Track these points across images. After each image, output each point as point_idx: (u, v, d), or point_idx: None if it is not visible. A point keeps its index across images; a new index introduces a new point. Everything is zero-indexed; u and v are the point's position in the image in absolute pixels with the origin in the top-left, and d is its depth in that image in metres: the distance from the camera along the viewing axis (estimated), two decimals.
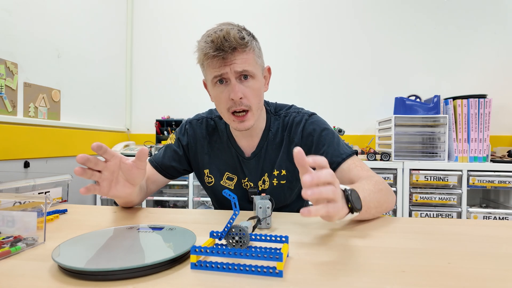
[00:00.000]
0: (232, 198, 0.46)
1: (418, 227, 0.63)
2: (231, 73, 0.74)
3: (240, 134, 0.88)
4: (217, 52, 0.72)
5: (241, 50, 0.74)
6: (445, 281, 0.38)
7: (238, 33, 0.73)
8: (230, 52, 0.72)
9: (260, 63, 0.81)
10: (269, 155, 0.89)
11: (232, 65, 0.73)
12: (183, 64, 2.36)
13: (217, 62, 0.74)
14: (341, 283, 0.38)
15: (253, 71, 0.77)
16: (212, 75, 0.76)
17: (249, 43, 0.75)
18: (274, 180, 0.89)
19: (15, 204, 0.65)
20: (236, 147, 0.90)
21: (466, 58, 2.09)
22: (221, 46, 0.71)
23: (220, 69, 0.74)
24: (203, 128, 0.93)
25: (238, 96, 0.75)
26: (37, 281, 0.38)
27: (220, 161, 0.92)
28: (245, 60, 0.75)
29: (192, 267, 0.41)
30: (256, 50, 0.79)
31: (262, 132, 0.89)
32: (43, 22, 1.59)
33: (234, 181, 0.92)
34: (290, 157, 0.87)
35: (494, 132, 1.99)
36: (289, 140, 0.88)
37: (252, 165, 0.89)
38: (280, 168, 0.88)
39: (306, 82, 2.23)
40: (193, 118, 0.96)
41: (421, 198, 1.72)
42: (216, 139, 0.92)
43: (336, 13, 2.23)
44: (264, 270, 0.39)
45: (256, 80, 0.78)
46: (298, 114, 0.89)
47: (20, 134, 1.43)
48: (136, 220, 0.69)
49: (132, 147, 2.15)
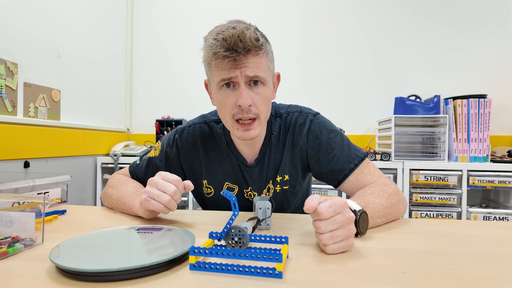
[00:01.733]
0: (232, 199, 0.45)
1: (419, 228, 0.63)
2: (241, 77, 0.67)
3: (241, 141, 0.80)
4: (229, 53, 0.64)
5: (254, 53, 0.67)
6: (446, 282, 0.38)
7: (254, 34, 0.66)
8: (243, 54, 0.65)
9: (271, 68, 0.74)
10: (273, 160, 0.82)
11: (243, 69, 0.66)
12: (183, 64, 2.36)
13: (227, 63, 0.66)
14: (341, 284, 0.37)
15: (265, 77, 0.70)
16: (220, 78, 0.68)
17: (263, 46, 0.68)
18: (277, 186, 0.83)
19: (14, 204, 0.65)
20: (237, 154, 0.82)
21: (466, 58, 2.09)
22: (234, 46, 0.64)
23: (229, 72, 0.66)
24: (196, 136, 0.85)
25: (247, 103, 0.67)
26: (34, 282, 0.38)
27: (219, 170, 0.84)
28: (258, 64, 0.68)
29: (191, 268, 0.41)
30: (269, 55, 0.73)
31: (265, 137, 0.82)
32: (43, 22, 1.59)
33: (235, 191, 0.85)
34: (293, 161, 0.83)
35: (494, 132, 1.99)
36: (292, 143, 0.82)
37: (256, 173, 0.82)
38: (283, 174, 0.83)
39: (306, 82, 2.23)
40: (183, 126, 0.87)
41: (421, 198, 1.72)
42: (213, 147, 0.84)
43: (336, 13, 2.23)
44: (264, 271, 0.39)
45: (266, 87, 0.71)
46: (301, 114, 0.83)
47: (20, 134, 1.43)
48: (135, 221, 0.69)
49: (132, 147, 2.14)
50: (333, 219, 0.47)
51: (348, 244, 0.48)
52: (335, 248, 0.47)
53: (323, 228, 0.47)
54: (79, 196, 1.89)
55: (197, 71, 2.33)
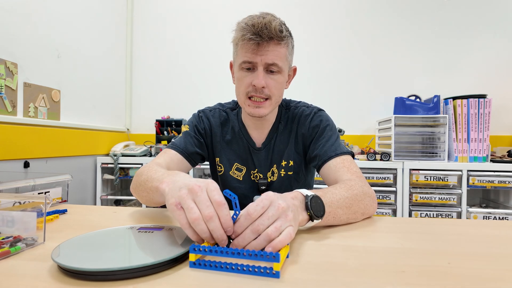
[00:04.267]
0: (233, 198, 0.46)
1: (418, 227, 0.63)
2: (261, 63, 0.76)
3: (252, 124, 0.91)
4: (255, 37, 0.74)
5: (276, 42, 0.76)
6: (445, 281, 0.38)
7: (279, 26, 0.75)
8: (266, 40, 0.74)
9: (289, 60, 0.83)
10: (278, 146, 0.91)
11: (263, 56, 0.76)
12: (183, 64, 2.36)
13: (250, 46, 0.75)
14: (340, 283, 0.38)
15: (282, 66, 0.79)
16: (242, 59, 0.78)
17: (285, 38, 0.77)
18: (282, 171, 0.91)
19: (15, 204, 0.65)
20: (248, 137, 0.92)
21: (466, 58, 2.09)
22: (260, 32, 0.73)
23: (251, 56, 0.76)
24: (216, 117, 0.94)
25: (261, 84, 0.77)
26: (36, 281, 0.38)
27: (230, 151, 0.93)
28: (277, 53, 0.77)
29: (191, 266, 0.41)
30: (290, 47, 0.81)
31: (273, 124, 0.92)
32: (43, 22, 1.59)
33: (243, 172, 0.93)
34: (298, 148, 0.92)
35: (494, 132, 1.99)
36: (297, 132, 0.91)
37: (263, 156, 0.92)
38: (288, 159, 0.91)
39: (306, 82, 2.23)
40: (204, 109, 0.97)
41: (421, 198, 1.73)
42: (228, 130, 0.94)
43: (335, 13, 2.23)
44: (261, 270, 0.39)
45: (281, 75, 0.80)
46: (308, 108, 0.93)
47: (20, 134, 1.43)
48: (136, 220, 0.69)
49: (132, 147, 2.15)
50: (266, 215, 0.45)
51: (290, 233, 0.44)
52: (281, 240, 0.43)
53: (262, 226, 0.44)
54: (79, 196, 1.89)
55: (197, 71, 2.34)
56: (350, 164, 0.80)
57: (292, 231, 0.45)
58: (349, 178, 0.75)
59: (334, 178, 0.79)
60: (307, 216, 0.54)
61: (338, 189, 0.65)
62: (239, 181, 0.94)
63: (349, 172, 0.77)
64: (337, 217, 0.60)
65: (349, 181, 0.71)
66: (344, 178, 0.75)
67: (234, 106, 0.97)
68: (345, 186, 0.67)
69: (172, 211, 0.46)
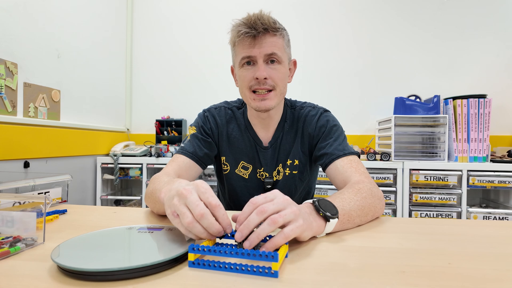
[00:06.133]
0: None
1: (418, 227, 0.63)
2: (259, 55, 0.77)
3: (258, 123, 0.91)
4: (250, 30, 0.75)
5: (272, 33, 0.77)
6: (446, 282, 0.38)
7: (272, 18, 0.78)
8: (261, 32, 0.76)
9: (288, 52, 0.84)
10: (284, 145, 0.92)
11: (262, 48, 0.77)
12: (183, 64, 2.36)
13: (247, 40, 0.76)
14: (339, 283, 0.38)
15: (281, 56, 0.79)
16: (241, 56, 0.79)
17: (280, 30, 0.79)
18: (287, 170, 0.92)
19: (15, 204, 0.65)
20: (254, 136, 0.92)
21: (466, 58, 2.09)
22: (254, 24, 0.75)
23: (249, 50, 0.77)
24: (221, 116, 0.94)
25: (263, 75, 0.77)
26: (36, 282, 0.38)
27: (237, 149, 0.93)
28: (274, 43, 0.78)
29: (190, 265, 0.41)
30: (286, 39, 0.82)
31: (278, 123, 0.92)
32: (43, 22, 1.59)
33: (249, 170, 0.93)
34: (303, 147, 0.92)
35: (494, 132, 1.99)
36: (303, 131, 0.91)
37: (269, 154, 0.92)
38: (293, 158, 0.91)
39: (306, 82, 2.23)
40: (210, 107, 0.97)
41: (421, 198, 1.72)
42: (234, 128, 0.94)
43: (335, 13, 2.23)
44: (260, 270, 0.39)
45: (282, 66, 0.81)
46: (314, 109, 0.94)
47: (20, 134, 1.43)
48: (136, 220, 0.69)
49: (132, 147, 2.14)
50: (270, 201, 0.45)
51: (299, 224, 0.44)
52: (292, 229, 0.43)
53: (267, 209, 0.43)
54: (79, 196, 1.89)
55: (197, 71, 2.34)
56: (358, 164, 0.80)
57: (296, 228, 0.44)
58: (358, 179, 0.74)
59: (342, 179, 0.78)
60: (321, 219, 0.52)
61: (347, 193, 0.64)
62: (245, 179, 0.94)
63: (357, 172, 0.77)
64: (351, 219, 0.59)
65: (357, 184, 0.70)
66: (352, 179, 0.75)
67: (240, 105, 0.97)
68: (354, 190, 0.66)
69: (171, 220, 0.47)
